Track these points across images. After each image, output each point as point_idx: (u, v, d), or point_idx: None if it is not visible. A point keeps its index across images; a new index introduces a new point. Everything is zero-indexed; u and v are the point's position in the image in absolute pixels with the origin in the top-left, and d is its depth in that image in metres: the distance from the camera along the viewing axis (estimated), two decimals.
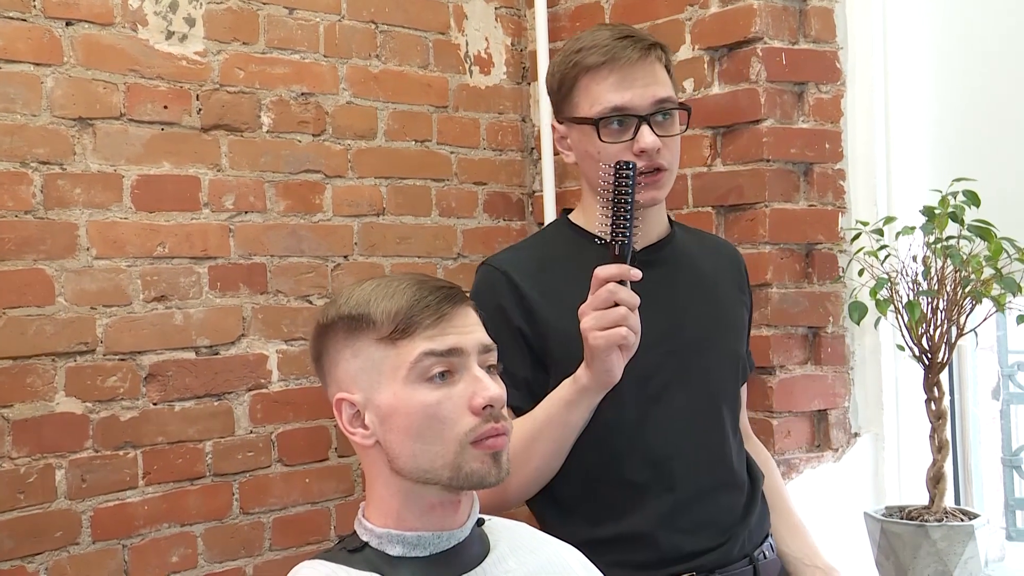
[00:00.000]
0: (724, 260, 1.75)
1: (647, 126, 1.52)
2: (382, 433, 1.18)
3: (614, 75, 1.53)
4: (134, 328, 2.05)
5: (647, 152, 1.52)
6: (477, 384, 1.16)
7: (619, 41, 1.54)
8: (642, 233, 1.55)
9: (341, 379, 1.21)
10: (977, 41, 2.25)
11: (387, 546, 1.18)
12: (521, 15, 2.72)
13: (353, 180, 2.39)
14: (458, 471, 1.16)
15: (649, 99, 1.53)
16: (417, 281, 1.20)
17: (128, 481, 2.03)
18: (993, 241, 1.95)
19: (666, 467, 1.55)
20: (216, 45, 2.18)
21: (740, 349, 1.72)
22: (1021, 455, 2.55)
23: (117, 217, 2.05)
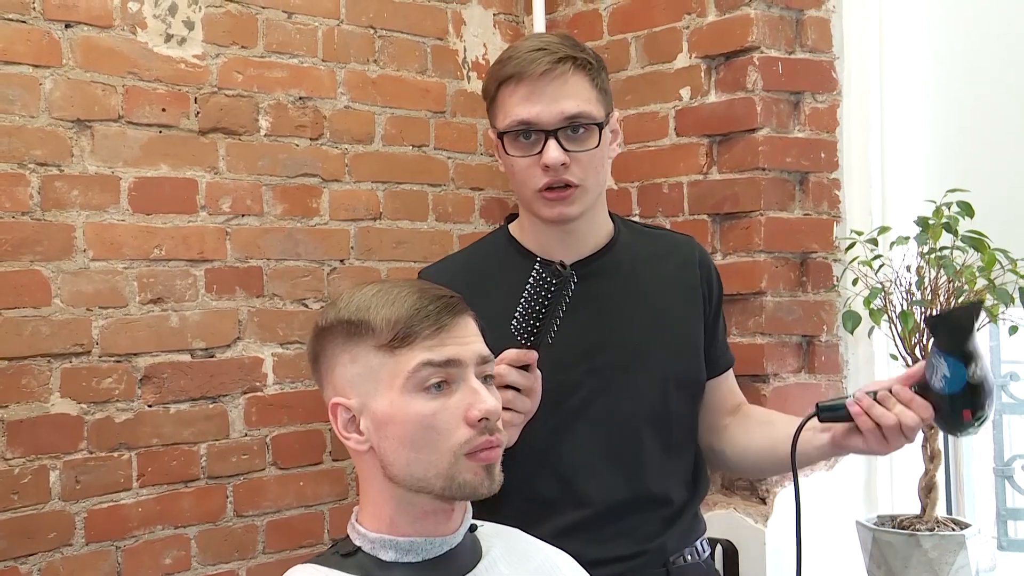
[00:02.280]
0: (676, 263, 1.69)
1: (553, 140, 1.49)
2: (377, 440, 1.19)
3: (522, 88, 1.51)
4: (130, 330, 2.06)
5: (551, 168, 1.49)
6: (474, 396, 1.17)
7: (532, 53, 1.51)
8: (573, 247, 1.58)
9: (337, 383, 1.22)
10: (973, 53, 2.27)
11: (380, 551, 1.19)
12: (519, 21, 2.73)
13: (350, 184, 2.40)
14: (451, 481, 1.16)
15: (556, 114, 1.50)
16: (418, 289, 1.20)
17: (122, 483, 2.03)
18: (986, 252, 1.96)
19: (575, 483, 1.55)
20: (215, 48, 2.19)
21: (684, 360, 1.64)
22: (1013, 465, 2.56)
23: (114, 219, 2.05)
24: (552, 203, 1.52)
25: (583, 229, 1.59)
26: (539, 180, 1.51)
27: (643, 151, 2.48)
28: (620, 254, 1.64)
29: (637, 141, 2.49)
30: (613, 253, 1.63)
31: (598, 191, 1.57)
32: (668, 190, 2.42)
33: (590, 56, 1.55)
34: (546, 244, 1.59)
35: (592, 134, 1.52)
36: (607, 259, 1.62)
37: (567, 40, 1.57)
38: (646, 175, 2.47)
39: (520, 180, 1.54)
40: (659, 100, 2.45)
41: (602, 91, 1.55)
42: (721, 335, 1.73)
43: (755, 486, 2.25)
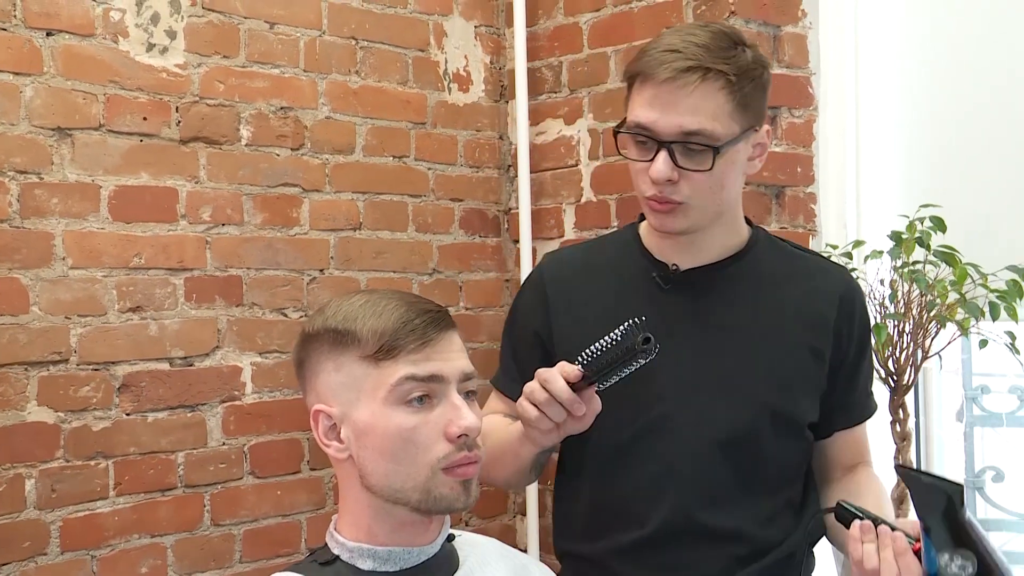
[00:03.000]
0: (809, 289, 1.51)
1: (664, 153, 1.36)
2: (356, 449, 1.19)
3: (647, 90, 1.38)
4: (108, 338, 2.06)
5: (656, 182, 1.38)
6: (455, 412, 1.18)
7: (664, 54, 1.37)
8: (690, 254, 1.47)
9: (321, 391, 1.22)
10: (947, 70, 2.30)
11: (358, 560, 1.19)
12: (500, 34, 2.75)
13: (330, 194, 2.41)
14: (427, 495, 1.17)
15: (673, 126, 1.36)
16: (406, 302, 1.21)
17: (99, 491, 2.03)
18: (958, 267, 1.99)
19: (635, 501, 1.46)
20: (197, 58, 2.20)
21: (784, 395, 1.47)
22: (984, 477, 2.59)
23: (94, 227, 2.05)
24: (656, 213, 1.42)
25: (702, 240, 1.47)
26: (647, 188, 1.41)
27: (623, 164, 2.47)
28: (744, 269, 1.49)
29: (616, 154, 2.48)
30: (736, 266, 1.49)
31: (715, 209, 1.43)
32: None
33: (732, 66, 1.37)
34: (663, 247, 1.49)
35: (710, 154, 1.37)
36: (727, 271, 1.49)
37: (717, 40, 1.39)
38: (625, 188, 2.49)
39: (634, 181, 1.44)
40: None
41: (742, 106, 1.38)
42: (862, 383, 1.56)
43: None
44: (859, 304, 1.53)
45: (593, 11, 2.57)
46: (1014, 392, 2.62)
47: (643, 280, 1.49)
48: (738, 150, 1.41)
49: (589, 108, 2.58)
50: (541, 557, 2.59)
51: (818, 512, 1.47)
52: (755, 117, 1.42)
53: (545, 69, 2.67)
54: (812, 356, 1.48)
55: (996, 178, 2.23)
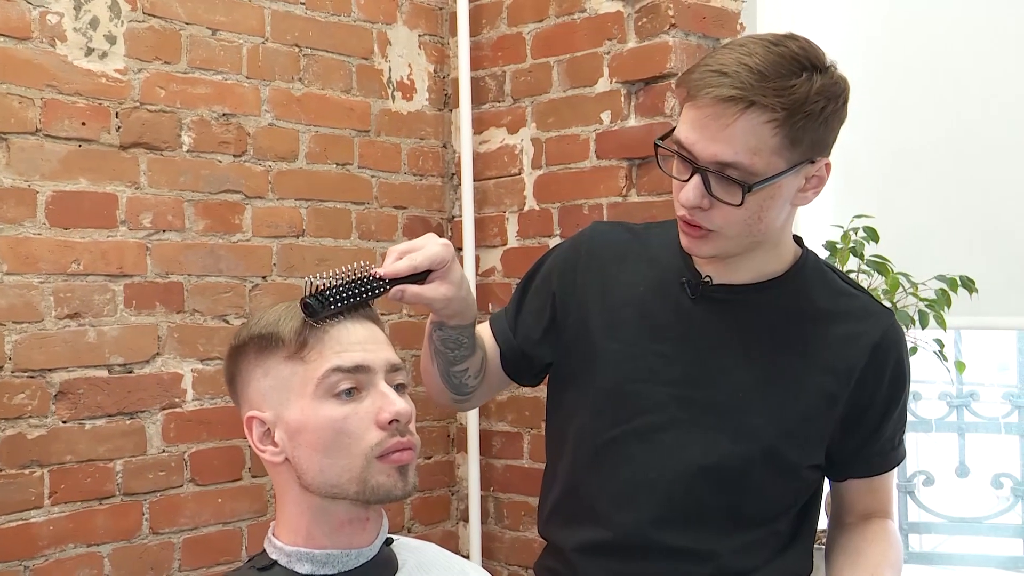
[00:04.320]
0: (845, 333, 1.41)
1: (698, 178, 1.29)
2: (291, 449, 1.20)
3: (693, 110, 1.30)
4: (45, 345, 2.03)
5: (683, 205, 1.32)
6: (383, 400, 1.19)
7: (713, 76, 1.27)
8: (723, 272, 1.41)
9: (252, 398, 1.23)
10: (880, 84, 2.36)
11: (296, 564, 1.19)
12: (444, 43, 2.77)
13: (273, 201, 2.40)
14: (364, 484, 1.18)
15: (710, 154, 1.28)
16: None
17: (33, 500, 2.00)
18: (890, 276, 2.04)
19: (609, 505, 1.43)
20: (137, 63, 2.18)
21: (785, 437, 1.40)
22: (915, 481, 2.65)
23: (30, 233, 2.03)
24: (686, 235, 1.36)
25: (738, 260, 1.40)
26: (679, 208, 1.34)
27: (564, 173, 2.53)
28: (779, 296, 1.41)
29: (559, 163, 2.54)
30: (771, 292, 1.41)
31: (750, 239, 1.35)
32: (588, 211, 2.47)
33: (784, 99, 1.26)
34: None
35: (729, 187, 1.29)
36: (760, 295, 1.41)
37: (777, 65, 1.27)
38: (567, 196, 2.52)
39: (674, 198, 1.36)
40: (580, 123, 2.50)
41: (792, 140, 1.28)
42: (889, 434, 1.45)
43: None
44: (895, 354, 1.43)
45: (536, 21, 2.60)
46: (943, 399, 2.69)
47: (674, 283, 1.44)
48: (782, 185, 1.31)
49: (532, 117, 2.60)
50: (484, 564, 2.60)
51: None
52: (810, 150, 1.31)
53: (488, 78, 2.70)
54: (826, 402, 1.40)
55: (927, 189, 2.29)
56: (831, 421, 1.41)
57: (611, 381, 1.43)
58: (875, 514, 1.49)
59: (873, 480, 1.48)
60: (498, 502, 2.63)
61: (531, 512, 2.55)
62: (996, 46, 2.22)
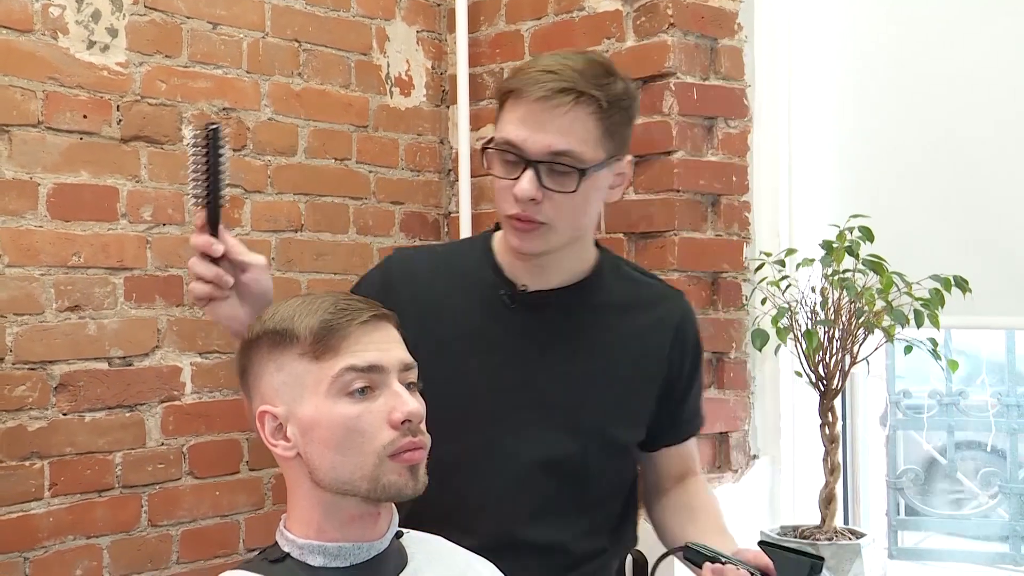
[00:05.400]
0: (650, 320, 1.56)
1: (531, 172, 1.38)
2: (303, 445, 1.21)
3: (520, 108, 1.40)
4: (46, 337, 2.03)
5: (519, 200, 1.40)
6: (396, 399, 1.20)
7: (540, 74, 1.40)
8: (540, 276, 1.50)
9: (265, 392, 1.24)
10: (877, 84, 2.39)
11: (308, 556, 1.21)
12: (442, 39, 2.78)
13: (272, 196, 2.41)
14: (376, 483, 1.19)
15: (542, 145, 1.38)
16: (342, 299, 1.24)
17: (33, 492, 2.00)
18: (885, 275, 2.07)
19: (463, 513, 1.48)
20: (138, 57, 2.18)
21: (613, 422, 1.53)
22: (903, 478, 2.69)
23: (32, 225, 2.03)
24: (518, 232, 1.43)
25: (551, 263, 1.50)
26: (509, 207, 1.42)
27: None
28: (588, 295, 1.53)
29: None
30: (581, 293, 1.53)
31: (574, 232, 1.47)
32: None
33: (604, 93, 1.40)
34: (514, 265, 1.52)
35: (575, 176, 1.39)
36: (567, 297, 1.52)
37: (592, 67, 1.42)
38: None
39: (498, 199, 1.45)
40: None
41: (609, 133, 1.41)
42: (692, 402, 1.62)
43: None
44: (692, 331, 1.60)
45: (534, 19, 2.61)
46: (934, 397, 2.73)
47: (491, 296, 1.51)
48: (601, 176, 1.43)
49: None
50: None
51: (667, 553, 1.50)
52: (620, 146, 1.45)
53: (486, 75, 2.71)
54: (645, 384, 1.55)
55: (921, 189, 2.32)
56: (650, 399, 1.55)
57: (447, 399, 1.39)
58: (688, 474, 1.65)
59: (684, 445, 1.63)
60: None
61: None
62: (992, 47, 2.25)
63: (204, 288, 1.40)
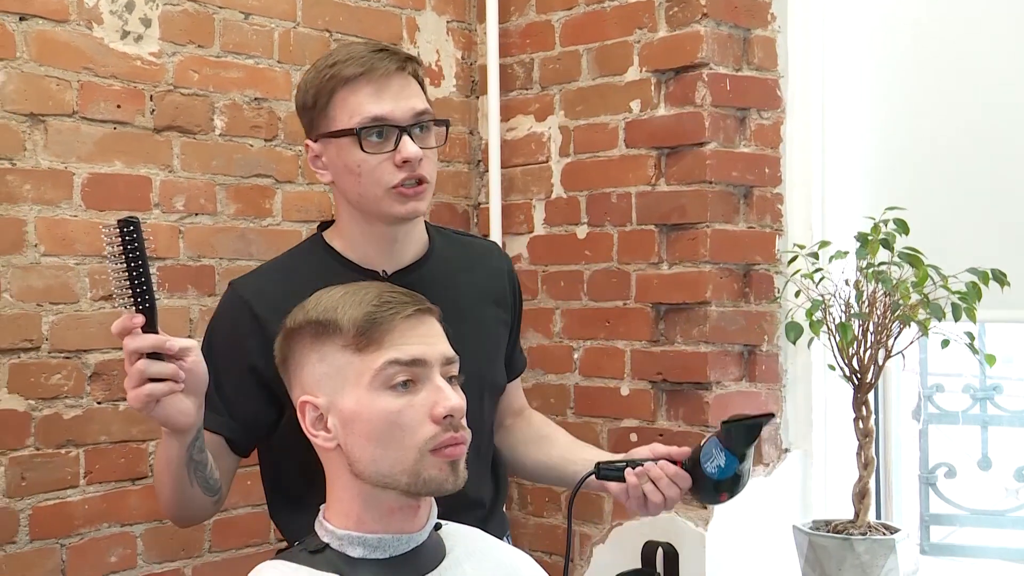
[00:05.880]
0: (487, 272, 1.71)
1: (408, 136, 1.50)
2: (344, 437, 1.21)
3: (371, 86, 1.50)
4: (81, 326, 2.04)
5: (410, 162, 1.49)
6: (439, 394, 1.20)
7: (375, 54, 1.52)
8: (395, 256, 1.58)
9: (306, 382, 1.24)
10: (912, 74, 2.37)
11: (348, 547, 1.21)
12: (472, 29, 2.77)
13: (303, 186, 2.41)
14: (416, 477, 1.19)
15: (408, 111, 1.51)
16: (385, 290, 1.24)
17: (69, 480, 2.02)
18: (921, 268, 2.04)
19: None
20: (171, 47, 2.19)
21: (495, 367, 1.69)
22: (936, 473, 2.66)
23: (66, 215, 2.04)
24: (407, 199, 1.52)
25: (407, 237, 1.60)
26: (394, 176, 1.50)
27: (593, 161, 2.53)
28: (436, 264, 1.63)
29: (587, 151, 2.54)
30: (430, 263, 1.63)
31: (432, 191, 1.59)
32: (617, 200, 2.47)
33: (418, 60, 1.60)
34: (368, 252, 1.58)
35: (431, 133, 1.55)
36: (424, 269, 1.61)
37: (389, 45, 1.62)
38: (595, 184, 2.52)
39: (372, 179, 1.50)
40: (609, 112, 2.50)
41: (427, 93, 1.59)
42: (517, 338, 1.80)
43: None
44: (515, 274, 1.78)
45: (565, 9, 2.59)
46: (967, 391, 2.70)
47: None
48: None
49: (560, 105, 2.60)
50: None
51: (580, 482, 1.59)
52: None
53: (517, 66, 2.70)
54: (501, 328, 1.71)
55: (957, 181, 2.29)
56: (504, 341, 1.72)
57: None
58: (524, 407, 1.83)
59: (518, 380, 1.80)
60: (522, 488, 2.65)
61: (555, 499, 2.57)
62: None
63: (163, 387, 1.33)
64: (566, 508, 1.61)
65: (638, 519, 2.39)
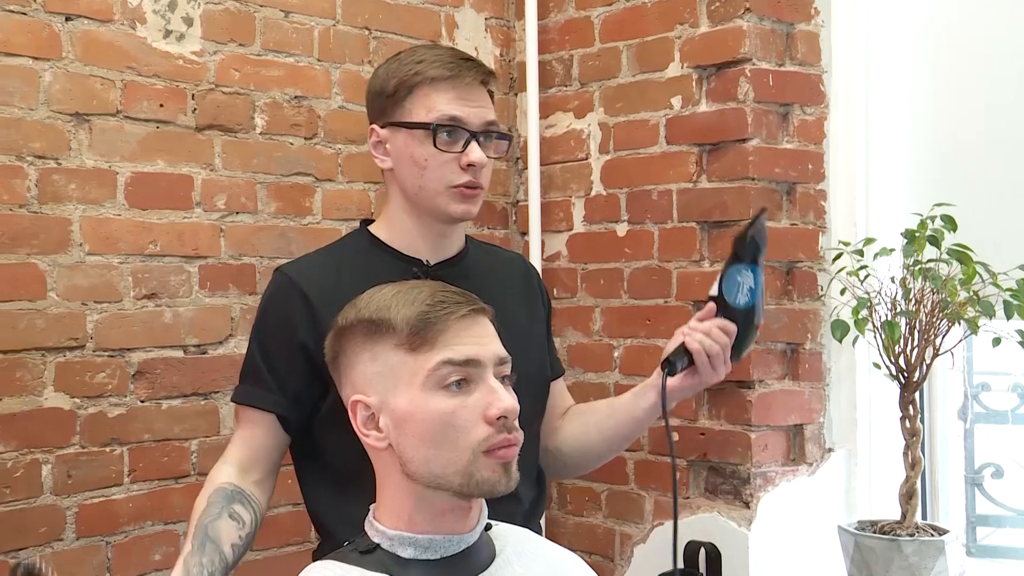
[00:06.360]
0: (515, 276, 1.77)
1: (476, 142, 1.57)
2: (396, 437, 1.20)
3: (454, 91, 1.57)
4: (124, 325, 2.05)
5: (475, 166, 1.57)
6: (492, 395, 1.19)
7: (463, 62, 1.60)
8: (440, 249, 1.64)
9: (357, 381, 1.23)
10: (957, 69, 2.33)
11: (399, 548, 1.20)
12: (510, 26, 2.76)
13: (343, 184, 2.41)
14: (469, 479, 1.18)
15: (481, 119, 1.59)
16: (438, 289, 1.23)
17: (114, 478, 2.03)
18: (969, 265, 2.01)
19: None
20: (213, 45, 2.19)
21: (535, 360, 1.71)
22: (983, 473, 2.62)
23: (110, 213, 2.05)
24: (463, 200, 1.58)
25: (453, 233, 1.66)
26: (457, 177, 1.57)
27: (633, 158, 2.51)
28: (471, 260, 1.70)
29: (627, 148, 2.52)
30: (468, 259, 1.69)
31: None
32: (657, 197, 2.45)
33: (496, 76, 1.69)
34: (413, 242, 1.63)
35: (493, 146, 1.62)
36: (464, 263, 1.68)
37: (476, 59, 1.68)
38: (635, 182, 2.51)
39: (436, 175, 1.57)
40: (650, 108, 2.48)
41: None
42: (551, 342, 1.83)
43: (739, 490, 2.29)
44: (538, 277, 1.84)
45: (605, 5, 2.58)
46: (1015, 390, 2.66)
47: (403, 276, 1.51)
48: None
49: (600, 102, 2.59)
50: None
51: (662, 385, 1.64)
52: None
53: (555, 62, 2.68)
54: (537, 325, 1.75)
55: (1006, 176, 2.25)
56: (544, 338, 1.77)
57: None
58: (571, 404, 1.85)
59: (559, 380, 1.82)
60: (561, 487, 2.63)
61: (595, 498, 2.56)
62: None
63: None
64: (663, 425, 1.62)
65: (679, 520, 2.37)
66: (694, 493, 2.37)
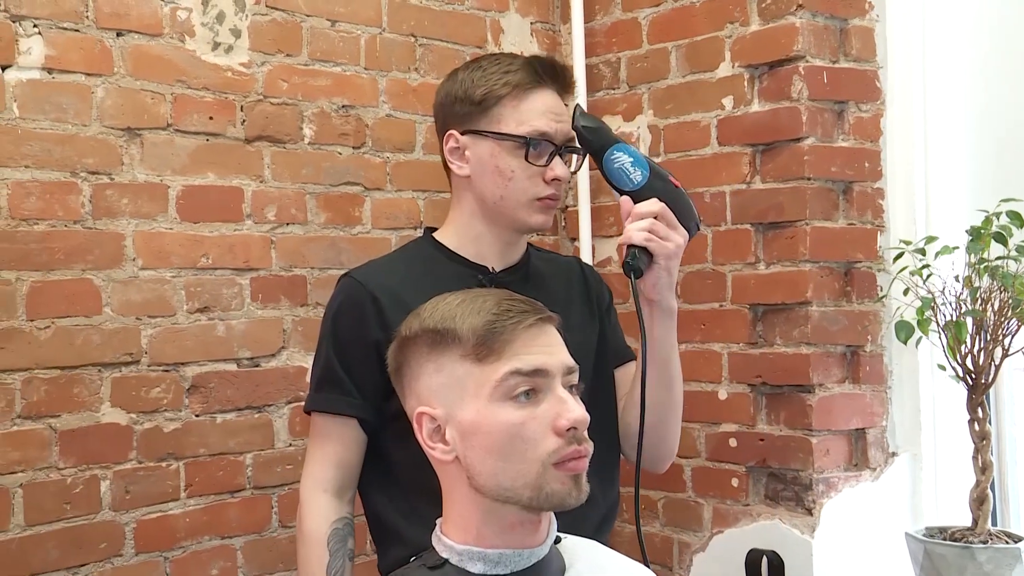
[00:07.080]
0: (573, 278, 1.77)
1: (559, 158, 1.59)
2: (463, 449, 1.18)
3: (543, 104, 1.59)
4: (178, 339, 2.05)
5: (559, 180, 1.59)
6: (561, 405, 1.16)
7: (550, 69, 1.62)
8: (506, 256, 1.65)
9: (422, 393, 1.21)
10: (1015, 62, 2.26)
11: (468, 563, 1.18)
12: (556, 30, 2.73)
13: (392, 193, 2.39)
14: (539, 491, 1.15)
15: (564, 133, 1.60)
16: (504, 298, 1.20)
17: (170, 493, 2.02)
18: None
19: None
20: (260, 56, 2.18)
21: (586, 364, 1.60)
22: None
23: (162, 227, 2.04)
24: (543, 211, 1.61)
25: (520, 241, 1.68)
26: (541, 190, 1.59)
27: (684, 160, 2.47)
28: (534, 266, 1.71)
29: (678, 150, 2.48)
30: (530, 265, 1.70)
31: None
32: (710, 199, 2.41)
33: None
34: (482, 250, 1.64)
35: (570, 160, 1.64)
36: (527, 269, 1.69)
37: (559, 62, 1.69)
38: (687, 184, 2.41)
39: (521, 187, 1.58)
40: (700, 109, 2.44)
41: None
42: (620, 331, 1.81)
43: (800, 496, 2.24)
44: (597, 273, 1.84)
45: (653, 6, 2.54)
46: None
47: (469, 282, 1.56)
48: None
49: (649, 104, 2.55)
50: None
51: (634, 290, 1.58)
52: None
53: (603, 65, 2.65)
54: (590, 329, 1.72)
55: None
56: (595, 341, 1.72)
57: None
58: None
59: (627, 367, 1.76)
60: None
61: (652, 506, 2.52)
62: None
63: None
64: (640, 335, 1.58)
65: (739, 527, 2.33)
66: (754, 500, 2.32)
